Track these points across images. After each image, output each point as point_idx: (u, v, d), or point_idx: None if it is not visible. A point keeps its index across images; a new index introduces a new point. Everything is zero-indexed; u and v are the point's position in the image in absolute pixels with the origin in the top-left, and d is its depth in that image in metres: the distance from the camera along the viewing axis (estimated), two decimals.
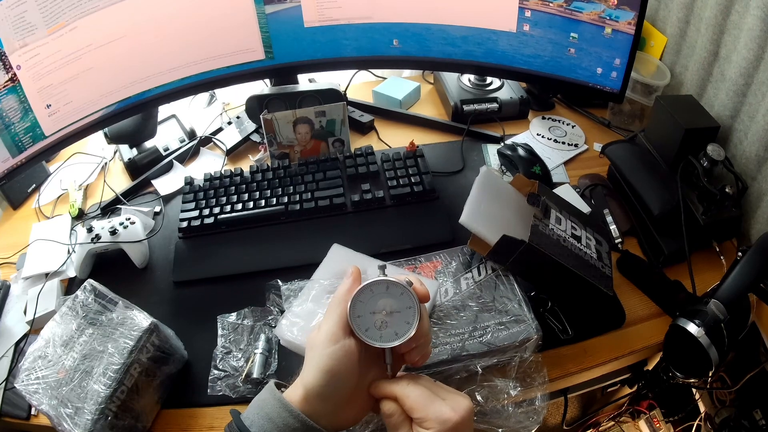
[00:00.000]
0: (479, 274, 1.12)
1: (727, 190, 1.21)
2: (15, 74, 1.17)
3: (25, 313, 1.24)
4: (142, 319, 1.01)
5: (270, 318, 1.16)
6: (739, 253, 1.11)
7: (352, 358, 0.71)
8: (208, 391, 1.07)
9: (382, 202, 1.39)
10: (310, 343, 0.74)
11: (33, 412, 1.10)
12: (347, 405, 0.74)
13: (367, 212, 1.38)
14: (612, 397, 1.76)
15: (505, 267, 1.10)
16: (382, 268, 0.76)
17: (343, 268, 1.08)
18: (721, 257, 1.28)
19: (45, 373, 0.95)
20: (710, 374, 1.03)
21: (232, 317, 1.17)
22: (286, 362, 1.11)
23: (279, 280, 1.16)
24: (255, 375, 1.07)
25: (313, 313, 1.01)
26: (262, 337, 1.12)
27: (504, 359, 1.02)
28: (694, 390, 1.44)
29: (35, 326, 1.20)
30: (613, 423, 1.84)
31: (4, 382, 1.13)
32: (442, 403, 0.71)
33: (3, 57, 1.14)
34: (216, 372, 1.09)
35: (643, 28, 1.29)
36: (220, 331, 1.15)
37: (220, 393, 1.07)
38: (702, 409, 1.42)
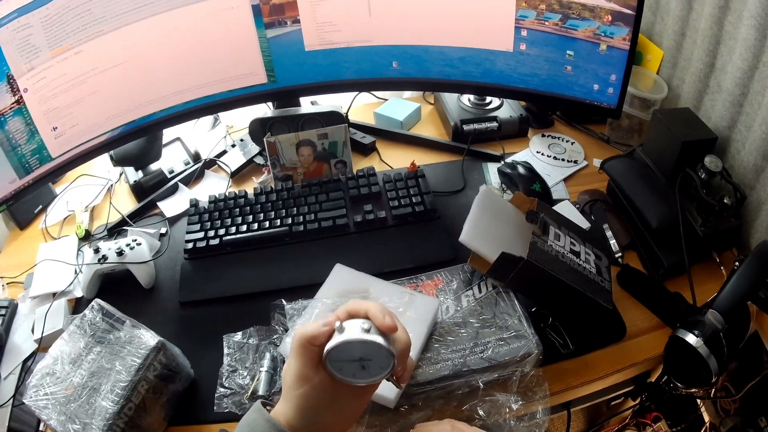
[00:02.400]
0: (480, 291, 1.13)
1: (725, 200, 1.22)
2: (21, 97, 1.19)
3: (32, 331, 1.25)
4: (149, 338, 1.02)
5: (275, 337, 1.16)
6: (737, 263, 1.11)
7: (326, 390, 0.72)
8: (215, 408, 1.08)
9: (384, 222, 1.40)
10: (283, 376, 0.75)
11: (41, 427, 1.11)
12: (333, 424, 0.75)
13: (370, 232, 1.39)
14: (617, 410, 1.76)
15: (505, 284, 1.11)
16: (366, 330, 0.72)
17: (346, 287, 1.11)
18: (722, 267, 1.29)
19: (53, 390, 0.96)
20: (712, 384, 1.03)
21: (238, 336, 1.18)
22: None
23: (284, 300, 1.17)
24: (261, 392, 1.07)
25: None
26: (267, 355, 1.13)
27: (505, 374, 1.03)
28: (698, 400, 1.44)
29: (43, 344, 1.21)
30: None
31: (12, 399, 1.15)
32: None
33: (11, 80, 1.17)
34: (222, 390, 1.10)
35: (639, 43, 1.30)
36: (226, 350, 1.16)
37: (227, 410, 1.07)
38: (707, 419, 1.42)
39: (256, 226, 1.39)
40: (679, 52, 1.54)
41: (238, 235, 1.37)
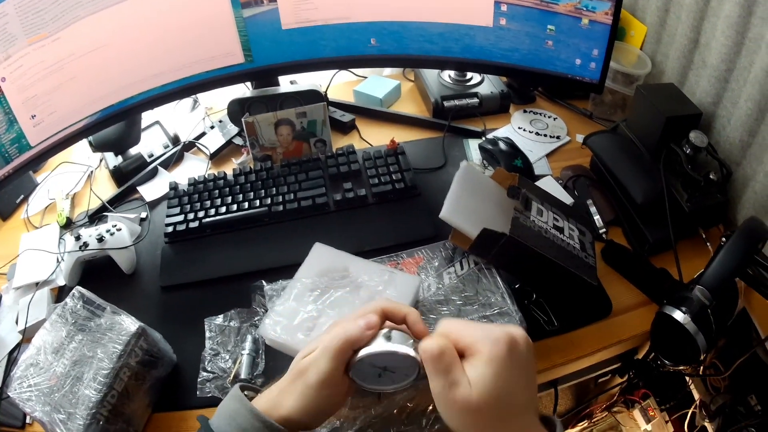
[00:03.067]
0: (462, 269, 1.12)
1: (711, 176, 1.22)
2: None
3: (17, 322, 1.24)
4: (129, 324, 1.01)
5: (256, 319, 1.16)
6: (723, 239, 1.10)
7: (344, 395, 0.71)
8: (198, 393, 1.07)
9: (364, 201, 1.40)
10: (300, 367, 0.72)
11: (28, 420, 1.10)
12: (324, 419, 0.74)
13: (350, 211, 1.39)
14: (604, 387, 1.76)
15: (488, 260, 1.10)
16: (387, 337, 0.71)
17: (326, 266, 1.10)
18: (708, 244, 1.29)
19: (37, 381, 0.95)
20: (700, 361, 1.02)
21: (219, 319, 1.17)
22: (273, 362, 1.11)
23: (264, 281, 1.16)
24: (243, 375, 1.07)
25: (296, 312, 1.01)
26: (249, 338, 1.13)
27: None
28: (687, 378, 1.44)
29: (27, 335, 1.20)
30: (606, 413, 1.85)
31: None
32: (492, 326, 0.67)
33: None
34: (205, 374, 1.09)
35: (621, 18, 1.30)
36: (207, 334, 1.15)
37: (210, 395, 1.07)
38: (696, 396, 1.42)
39: (235, 207, 1.38)
40: (662, 27, 1.53)
41: (218, 217, 1.36)
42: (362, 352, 0.69)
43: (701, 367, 1.32)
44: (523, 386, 0.65)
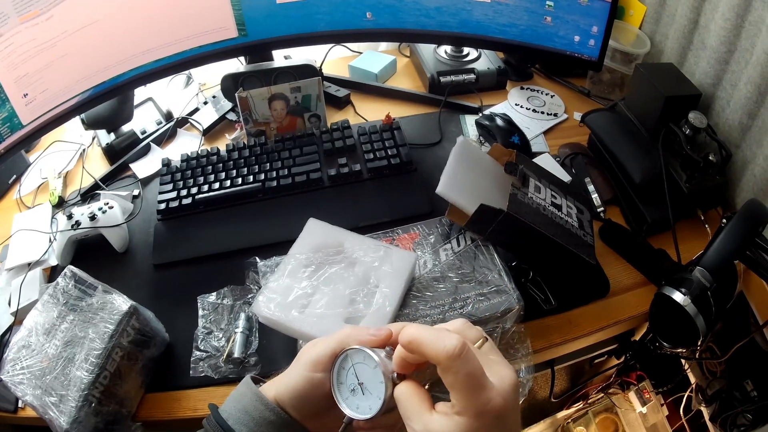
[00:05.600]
0: (458, 245, 1.11)
1: (710, 157, 1.21)
2: None
3: (9, 304, 1.22)
4: (121, 303, 1.00)
5: (250, 296, 1.15)
6: (723, 221, 1.09)
7: (325, 391, 0.68)
8: (191, 372, 1.07)
9: (359, 176, 1.38)
10: (301, 351, 0.72)
11: (20, 404, 1.09)
12: (316, 419, 0.71)
13: (345, 186, 1.38)
14: (600, 368, 1.76)
15: (485, 237, 1.09)
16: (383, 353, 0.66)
17: (320, 241, 1.09)
18: (706, 225, 1.28)
19: (29, 363, 0.94)
20: (698, 344, 1.01)
21: (212, 297, 1.16)
22: (266, 340, 1.10)
23: (257, 258, 1.14)
24: (236, 354, 1.06)
25: (290, 288, 1.00)
26: (242, 315, 1.12)
27: (486, 330, 1.01)
28: (683, 361, 1.44)
29: (19, 317, 1.18)
30: (602, 395, 1.85)
31: None
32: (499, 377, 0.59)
33: None
34: (198, 353, 1.09)
35: None
36: (200, 312, 1.15)
37: (203, 374, 1.06)
38: (692, 380, 1.41)
39: (228, 183, 1.37)
40: (662, 7, 1.52)
41: (211, 193, 1.35)
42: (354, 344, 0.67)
43: (698, 351, 1.31)
44: None
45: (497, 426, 0.56)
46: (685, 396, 1.46)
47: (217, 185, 1.36)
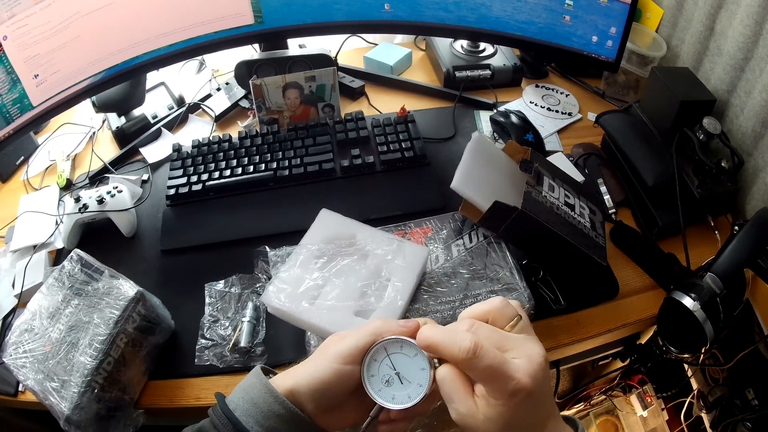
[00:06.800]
0: (470, 241, 1.10)
1: (723, 164, 1.20)
2: (0, 45, 1.14)
3: (13, 286, 1.22)
4: (128, 288, 0.99)
5: (258, 285, 1.14)
6: (735, 228, 1.09)
7: (351, 384, 0.68)
8: (196, 360, 1.06)
9: (372, 168, 1.38)
10: (326, 344, 0.71)
11: (21, 388, 1.08)
12: (330, 414, 0.71)
13: (357, 178, 1.37)
14: (603, 370, 1.76)
15: (497, 234, 1.08)
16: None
17: (332, 233, 1.08)
18: (716, 232, 1.28)
19: (32, 347, 0.93)
20: (704, 350, 1.01)
21: (220, 285, 1.16)
22: (274, 330, 1.10)
23: (267, 247, 1.13)
24: (242, 344, 1.06)
25: (301, 279, 0.99)
26: (250, 305, 1.11)
27: None
28: (686, 366, 1.43)
29: (23, 299, 1.18)
30: (604, 397, 1.84)
31: None
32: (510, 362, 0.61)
33: None
34: (203, 341, 1.08)
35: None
36: (207, 300, 1.14)
37: (208, 363, 1.06)
38: (695, 386, 1.41)
39: (240, 170, 1.36)
40: (679, 12, 1.51)
41: (222, 180, 1.34)
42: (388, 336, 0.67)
43: (701, 357, 1.30)
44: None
45: (530, 402, 0.60)
46: (687, 402, 1.45)
47: (228, 172, 1.36)
